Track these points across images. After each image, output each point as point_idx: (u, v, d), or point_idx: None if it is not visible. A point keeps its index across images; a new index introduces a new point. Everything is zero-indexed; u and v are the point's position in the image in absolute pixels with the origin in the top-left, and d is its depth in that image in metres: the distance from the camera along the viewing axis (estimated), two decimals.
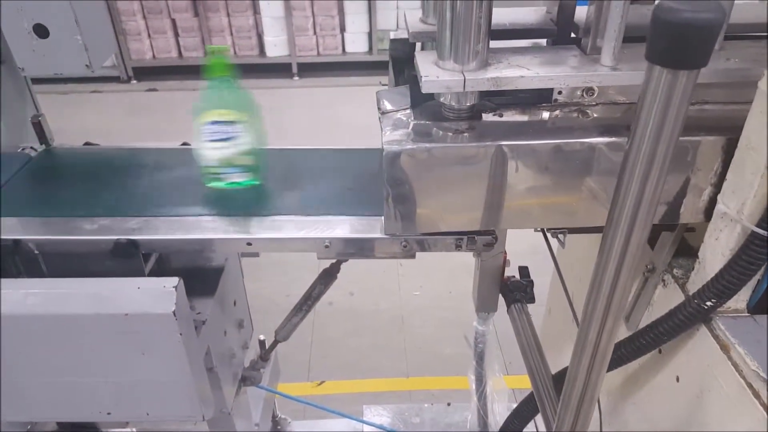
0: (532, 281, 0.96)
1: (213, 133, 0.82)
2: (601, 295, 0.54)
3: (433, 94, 0.71)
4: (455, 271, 2.30)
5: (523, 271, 0.98)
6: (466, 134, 0.70)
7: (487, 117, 0.73)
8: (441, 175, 0.70)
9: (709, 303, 0.67)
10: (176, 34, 4.29)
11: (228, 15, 4.21)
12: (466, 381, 1.16)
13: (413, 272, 2.39)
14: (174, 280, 0.72)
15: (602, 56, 0.68)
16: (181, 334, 0.72)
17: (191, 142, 1.01)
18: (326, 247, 0.79)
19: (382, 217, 0.76)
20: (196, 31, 4.25)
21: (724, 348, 0.67)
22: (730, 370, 0.65)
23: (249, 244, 0.79)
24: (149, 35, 4.26)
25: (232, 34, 4.29)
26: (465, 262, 0.99)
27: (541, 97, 0.74)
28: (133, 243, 0.76)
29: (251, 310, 1.17)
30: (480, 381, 1.12)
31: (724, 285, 0.65)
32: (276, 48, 4.31)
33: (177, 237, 0.78)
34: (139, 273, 0.78)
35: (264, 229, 0.80)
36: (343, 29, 4.30)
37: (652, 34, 0.41)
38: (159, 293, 0.71)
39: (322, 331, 2.10)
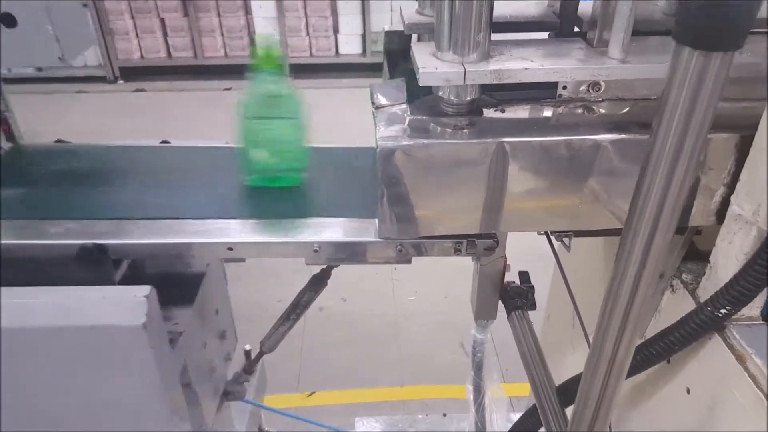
0: (533, 287, 0.92)
1: None
2: (618, 306, 0.49)
3: (430, 87, 0.67)
4: (451, 274, 2.25)
5: (524, 276, 0.94)
6: (465, 130, 0.66)
7: (488, 112, 0.69)
8: (439, 173, 0.65)
9: (723, 311, 0.63)
10: (165, 34, 4.22)
11: (219, 15, 4.15)
12: (462, 390, 1.11)
13: (408, 276, 2.34)
14: (145, 289, 0.66)
15: (610, 49, 0.64)
16: (152, 348, 0.66)
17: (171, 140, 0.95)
18: (315, 251, 0.74)
19: (376, 220, 0.71)
20: (185, 31, 4.18)
21: (740, 358, 0.63)
22: (747, 382, 0.61)
23: (230, 248, 0.74)
24: (137, 35, 4.18)
25: (222, 34, 4.23)
26: (461, 264, 0.95)
27: (544, 93, 0.70)
28: (101, 248, 0.69)
29: (238, 317, 1.11)
30: (478, 391, 1.08)
31: (739, 291, 0.61)
32: None
33: (150, 241, 0.72)
34: (109, 281, 0.72)
35: (247, 232, 0.75)
36: (336, 30, 4.26)
37: (681, 12, 0.37)
38: (128, 303, 0.65)
39: (313, 338, 2.04)
